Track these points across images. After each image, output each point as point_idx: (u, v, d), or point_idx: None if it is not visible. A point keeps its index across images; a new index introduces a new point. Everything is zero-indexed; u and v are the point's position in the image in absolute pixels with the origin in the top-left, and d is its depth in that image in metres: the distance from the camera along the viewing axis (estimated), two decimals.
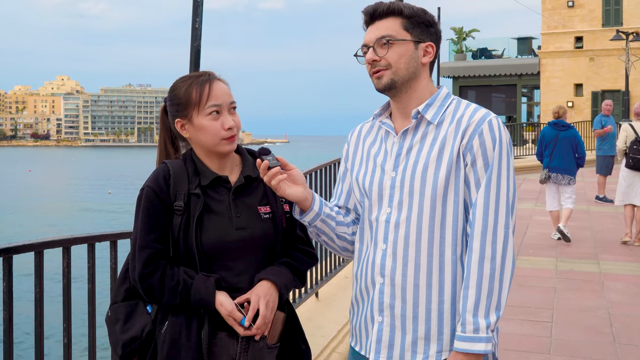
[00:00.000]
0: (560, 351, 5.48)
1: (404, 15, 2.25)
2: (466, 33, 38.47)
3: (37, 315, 3.24)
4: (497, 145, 2.15)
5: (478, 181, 2.15)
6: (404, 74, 2.23)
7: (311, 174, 6.19)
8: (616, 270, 8.31)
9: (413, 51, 2.25)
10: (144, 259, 2.27)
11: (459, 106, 2.26)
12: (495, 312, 2.12)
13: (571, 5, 33.46)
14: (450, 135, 2.19)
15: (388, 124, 2.32)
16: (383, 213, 2.26)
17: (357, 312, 2.38)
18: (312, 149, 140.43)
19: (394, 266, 2.21)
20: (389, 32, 2.23)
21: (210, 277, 2.28)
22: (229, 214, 2.35)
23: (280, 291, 2.36)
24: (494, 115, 2.21)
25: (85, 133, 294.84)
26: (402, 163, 2.24)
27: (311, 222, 2.33)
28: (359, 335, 2.35)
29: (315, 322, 5.61)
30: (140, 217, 2.32)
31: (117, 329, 2.38)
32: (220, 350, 2.31)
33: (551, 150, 10.22)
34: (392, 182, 2.25)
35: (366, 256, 2.31)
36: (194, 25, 5.61)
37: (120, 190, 65.33)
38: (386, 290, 2.23)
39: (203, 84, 2.37)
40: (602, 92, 32.59)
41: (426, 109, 2.25)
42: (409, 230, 2.20)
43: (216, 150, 2.38)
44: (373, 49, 2.24)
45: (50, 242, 3.31)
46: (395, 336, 2.22)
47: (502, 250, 2.12)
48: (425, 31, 2.27)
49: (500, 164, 2.15)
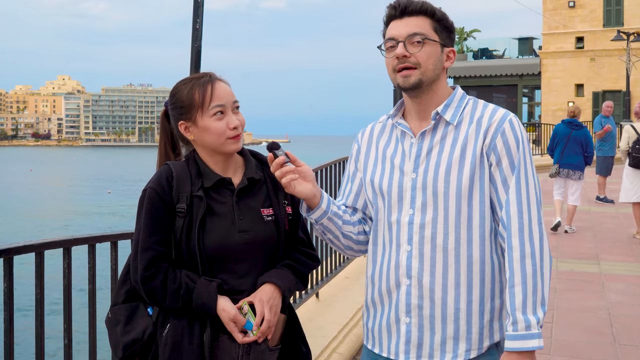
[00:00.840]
0: (561, 352, 5.48)
1: (435, 17, 2.27)
2: (467, 33, 38.52)
3: (38, 316, 3.24)
4: (521, 145, 2.20)
5: (505, 180, 2.18)
6: (431, 75, 2.25)
7: (315, 173, 6.19)
8: (616, 270, 8.31)
9: (440, 54, 2.27)
10: (145, 261, 2.27)
11: (477, 106, 2.28)
12: (542, 308, 2.13)
13: (572, 6, 33.45)
14: (472, 136, 2.21)
15: (404, 124, 2.33)
16: (405, 215, 2.26)
17: (375, 315, 2.37)
18: (313, 149, 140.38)
19: (421, 267, 2.22)
20: (421, 29, 2.24)
21: (212, 281, 2.27)
22: (232, 216, 2.34)
23: (283, 294, 2.35)
24: (513, 114, 2.25)
25: (86, 133, 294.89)
26: (422, 164, 2.25)
27: (318, 219, 2.33)
28: (379, 338, 2.35)
29: (316, 322, 5.60)
30: (143, 219, 2.31)
31: (117, 330, 2.37)
32: (222, 353, 2.30)
33: (563, 147, 10.79)
34: (413, 183, 2.25)
35: (387, 258, 2.31)
36: (195, 25, 5.62)
37: (120, 190, 65.30)
38: (413, 291, 2.24)
39: (205, 85, 2.36)
40: (603, 92, 32.57)
41: (445, 109, 2.27)
42: (435, 232, 2.21)
43: (222, 150, 2.37)
44: (404, 45, 2.23)
45: (51, 243, 3.31)
46: (424, 336, 2.23)
47: (539, 247, 2.14)
48: (449, 36, 2.31)
49: (526, 163, 2.20)
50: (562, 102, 33.11)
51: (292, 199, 2.47)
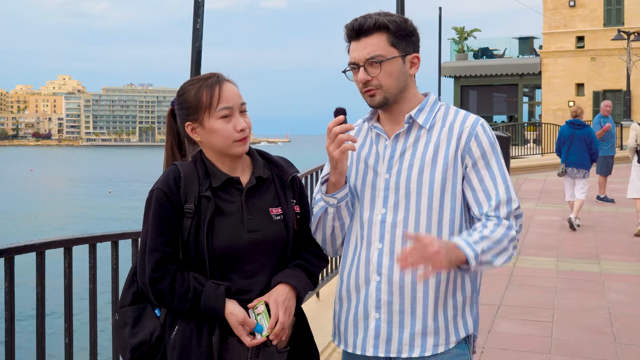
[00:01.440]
0: (561, 351, 5.48)
1: (389, 30, 2.30)
2: (467, 33, 38.43)
3: (39, 315, 3.24)
4: (495, 147, 2.32)
5: (482, 179, 2.29)
6: (395, 91, 2.33)
7: (312, 174, 6.20)
8: (617, 270, 8.31)
9: (402, 66, 2.33)
10: (153, 263, 2.25)
11: (448, 111, 2.38)
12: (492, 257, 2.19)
13: (572, 5, 33.42)
14: (444, 139, 2.31)
15: (379, 127, 2.41)
16: (377, 213, 2.33)
17: (340, 311, 2.42)
18: (313, 149, 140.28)
19: (391, 264, 2.29)
20: (377, 51, 2.29)
21: (220, 285, 2.25)
22: (241, 215, 2.32)
23: (298, 295, 2.34)
24: (483, 120, 2.36)
25: (87, 132, 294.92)
26: (395, 165, 2.33)
27: (341, 199, 2.35)
28: (345, 333, 2.40)
29: (317, 322, 5.58)
30: (151, 220, 2.29)
31: (125, 333, 2.34)
32: (231, 356, 2.28)
33: (568, 146, 11.33)
34: (386, 183, 2.33)
35: (357, 255, 2.37)
36: (195, 25, 5.63)
37: (120, 189, 65.32)
38: (383, 287, 2.30)
39: (213, 87, 2.34)
40: (603, 91, 32.54)
41: (418, 114, 2.35)
42: (407, 230, 2.28)
43: (228, 152, 2.35)
44: (364, 69, 2.30)
45: (52, 243, 3.32)
46: (393, 331, 2.29)
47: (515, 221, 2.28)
48: (409, 42, 2.34)
49: (498, 162, 2.31)
50: (562, 101, 33.09)
51: (300, 198, 2.46)
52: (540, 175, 18.47)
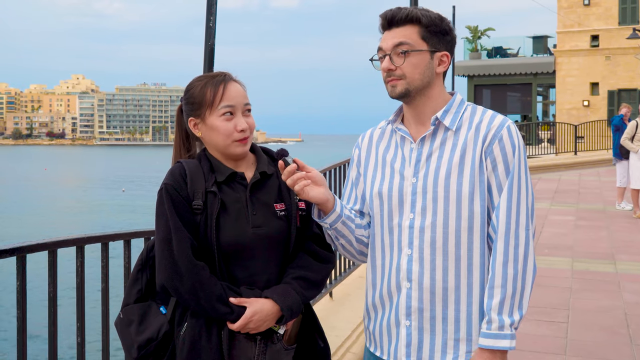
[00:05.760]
0: (576, 352, 5.44)
1: (422, 24, 2.27)
2: (481, 32, 38.33)
3: (51, 314, 3.24)
4: (517, 151, 2.22)
5: (500, 186, 2.21)
6: (418, 84, 2.27)
7: (324, 173, 6.17)
8: (632, 270, 8.24)
9: (429, 61, 2.28)
10: (185, 254, 2.22)
11: (475, 112, 2.31)
12: (519, 311, 2.17)
13: (587, 4, 33.22)
14: (471, 141, 2.24)
15: (403, 129, 2.35)
16: (406, 219, 2.28)
17: (375, 318, 2.40)
18: (327, 148, 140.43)
19: (422, 271, 2.24)
20: (405, 40, 2.25)
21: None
22: (246, 211, 2.32)
23: (282, 313, 2.29)
24: (511, 121, 2.28)
25: (100, 132, 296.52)
26: (422, 169, 2.27)
27: (333, 223, 2.32)
28: (380, 340, 2.37)
29: (329, 321, 5.59)
30: (169, 214, 2.26)
31: (131, 330, 2.33)
32: (239, 352, 2.29)
33: None
34: (413, 188, 2.27)
35: (387, 262, 2.33)
36: (208, 24, 5.61)
37: (134, 188, 65.59)
38: (414, 294, 2.25)
39: (217, 84, 2.36)
40: (618, 91, 32.33)
41: (444, 115, 2.29)
42: (435, 235, 2.23)
43: (227, 151, 2.36)
44: (390, 58, 2.26)
45: (64, 241, 3.31)
46: (424, 338, 2.26)
47: (524, 253, 2.19)
48: (442, 40, 2.30)
49: (520, 170, 2.21)
50: (576, 100, 32.91)
51: None
52: (554, 175, 18.42)
